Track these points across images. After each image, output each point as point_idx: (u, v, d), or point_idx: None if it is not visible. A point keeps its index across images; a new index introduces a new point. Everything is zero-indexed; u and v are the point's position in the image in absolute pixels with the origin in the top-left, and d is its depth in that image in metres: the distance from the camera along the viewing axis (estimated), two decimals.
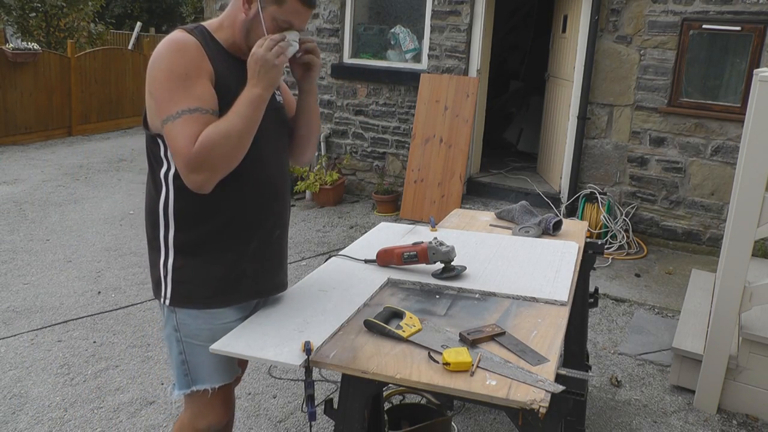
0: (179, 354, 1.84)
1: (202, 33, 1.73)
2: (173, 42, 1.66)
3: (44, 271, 4.64)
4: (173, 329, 1.83)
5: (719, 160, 5.18)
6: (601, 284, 4.60)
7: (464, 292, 1.94)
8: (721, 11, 4.99)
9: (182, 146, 1.60)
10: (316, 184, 6.37)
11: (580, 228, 2.67)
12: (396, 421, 2.55)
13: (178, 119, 1.61)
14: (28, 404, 3.02)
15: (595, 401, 3.16)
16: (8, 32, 11.23)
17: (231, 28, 1.76)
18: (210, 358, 1.80)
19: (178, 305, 1.80)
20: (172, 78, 1.62)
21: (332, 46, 6.69)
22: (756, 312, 3.12)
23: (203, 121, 1.62)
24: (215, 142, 1.60)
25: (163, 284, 1.80)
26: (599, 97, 5.52)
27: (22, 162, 8.02)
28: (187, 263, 1.78)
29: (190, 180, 1.64)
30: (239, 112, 1.65)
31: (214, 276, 1.79)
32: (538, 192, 5.96)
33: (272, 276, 1.93)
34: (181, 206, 1.76)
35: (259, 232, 1.84)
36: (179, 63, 1.63)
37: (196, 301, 1.79)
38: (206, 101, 1.64)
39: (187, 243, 1.77)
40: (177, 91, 1.62)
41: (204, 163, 1.61)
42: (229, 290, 1.82)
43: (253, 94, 1.66)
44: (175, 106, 1.61)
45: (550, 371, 1.47)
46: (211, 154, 1.61)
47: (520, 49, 9.18)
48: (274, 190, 1.86)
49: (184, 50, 1.65)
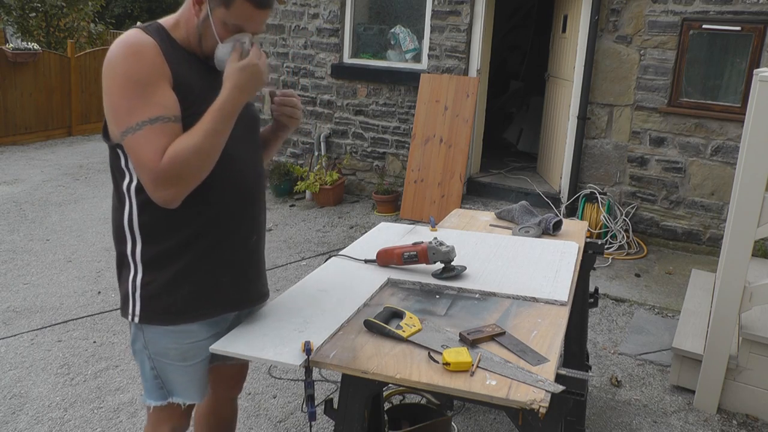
0: (151, 369, 1.76)
1: (159, 31, 1.62)
2: (128, 44, 1.54)
3: (44, 271, 4.64)
4: (143, 346, 1.74)
5: (719, 160, 5.18)
6: (601, 284, 4.60)
7: (464, 292, 1.94)
8: (721, 11, 4.99)
9: (148, 160, 1.50)
10: (316, 184, 6.37)
11: (580, 228, 2.67)
12: (396, 421, 2.54)
13: (140, 131, 1.50)
14: (28, 404, 3.02)
15: (595, 401, 3.16)
16: (8, 32, 11.24)
17: (186, 28, 1.65)
18: (183, 377, 1.76)
19: (147, 323, 1.70)
20: (128, 85, 1.51)
21: (332, 46, 6.69)
22: (756, 312, 3.12)
23: (167, 130, 1.52)
24: (186, 156, 1.51)
25: (131, 301, 1.70)
26: (599, 97, 5.52)
27: (22, 162, 8.01)
28: (157, 278, 1.68)
29: (156, 196, 1.54)
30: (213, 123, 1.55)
31: (186, 289, 1.69)
32: (538, 192, 5.96)
33: (251, 285, 1.83)
34: (147, 220, 1.65)
35: (233, 239, 1.74)
36: (135, 68, 1.52)
37: (167, 317, 1.69)
38: (168, 108, 1.54)
39: (155, 257, 1.67)
40: (135, 100, 1.51)
41: (174, 177, 1.51)
42: (203, 304, 1.72)
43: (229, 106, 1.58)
44: (134, 116, 1.51)
45: (550, 371, 1.47)
46: (182, 169, 1.51)
47: (520, 49, 9.18)
48: (248, 192, 1.76)
49: (140, 53, 1.54)
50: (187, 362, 1.75)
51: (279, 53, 6.98)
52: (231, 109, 1.58)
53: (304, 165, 6.99)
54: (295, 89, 7.00)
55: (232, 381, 2.09)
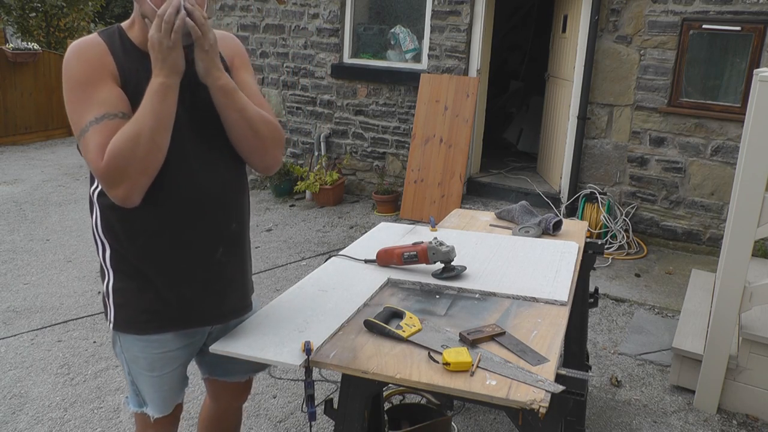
0: (128, 375, 1.77)
1: (113, 33, 1.59)
2: (74, 48, 1.53)
3: (44, 271, 4.64)
4: (121, 351, 1.75)
5: (719, 160, 5.18)
6: (601, 284, 4.60)
7: (464, 292, 1.94)
8: (721, 11, 4.99)
9: (93, 160, 1.46)
10: (316, 184, 6.37)
11: (580, 228, 2.67)
12: (396, 421, 2.54)
13: (88, 131, 1.47)
14: (28, 404, 3.02)
15: (595, 401, 3.16)
16: (8, 32, 11.24)
17: (138, 25, 1.61)
18: (150, 387, 1.75)
19: (120, 330, 1.70)
20: (76, 88, 1.50)
21: (332, 46, 6.69)
22: (756, 312, 3.12)
23: (113, 127, 1.47)
24: (123, 147, 1.44)
25: (107, 306, 1.70)
26: (599, 97, 5.52)
27: (22, 162, 8.01)
28: (125, 286, 1.66)
29: (111, 195, 1.50)
30: (144, 108, 1.48)
31: (149, 299, 1.65)
32: (538, 192, 5.96)
33: (220, 301, 1.73)
34: (108, 224, 1.63)
35: (190, 251, 1.65)
36: (79, 69, 1.50)
37: (134, 326, 1.68)
38: (113, 104, 1.50)
39: (121, 263, 1.65)
40: (82, 102, 1.49)
41: (117, 173, 1.46)
42: (167, 315, 1.67)
43: (156, 83, 1.48)
44: (83, 117, 1.48)
45: (550, 371, 1.47)
46: (122, 162, 1.45)
47: (520, 49, 9.18)
48: (208, 199, 1.63)
49: (84, 53, 1.52)
50: (154, 372, 1.73)
51: (279, 53, 6.98)
52: (154, 87, 1.49)
53: (304, 165, 6.99)
54: (295, 89, 7.00)
55: (236, 392, 2.03)
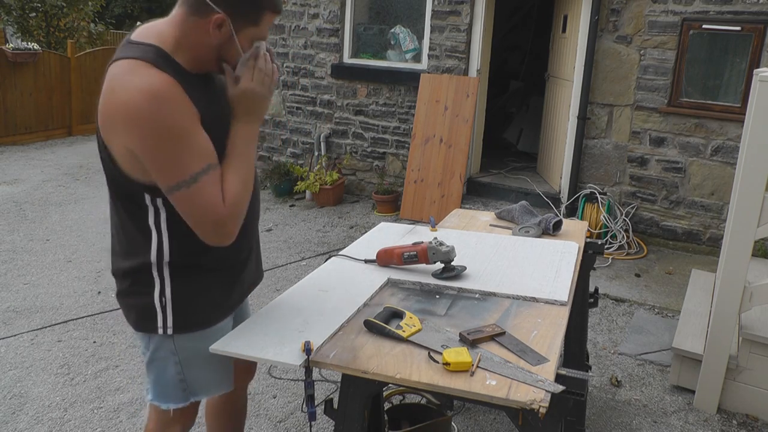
0: (177, 374, 1.76)
1: (165, 60, 1.51)
2: (149, 92, 1.42)
3: (44, 271, 4.64)
4: (170, 353, 1.74)
5: (719, 160, 5.18)
6: (601, 284, 4.60)
7: (464, 292, 1.94)
8: (721, 11, 4.99)
9: (212, 211, 1.51)
10: (316, 184, 6.37)
11: (580, 228, 2.67)
12: (396, 421, 2.55)
13: (196, 184, 1.48)
14: (28, 404, 3.02)
15: (595, 401, 3.16)
16: (8, 32, 11.24)
17: (193, 50, 1.55)
18: (213, 372, 1.78)
19: (182, 331, 1.71)
20: (171, 138, 1.44)
21: (332, 46, 6.69)
22: (756, 312, 3.11)
23: (216, 175, 1.53)
24: (241, 193, 1.56)
25: (161, 315, 1.68)
26: (599, 97, 5.52)
27: (22, 162, 8.02)
28: (189, 289, 1.70)
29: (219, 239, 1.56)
30: (245, 155, 1.59)
31: (215, 293, 1.74)
32: (538, 192, 5.96)
33: (254, 271, 1.92)
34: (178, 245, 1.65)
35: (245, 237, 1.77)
36: (171, 118, 1.44)
37: (202, 322, 1.73)
38: (211, 153, 1.53)
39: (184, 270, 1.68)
40: (182, 153, 1.46)
41: (238, 218, 1.58)
42: (227, 302, 1.79)
43: (252, 131, 1.60)
44: (185, 169, 1.47)
45: (550, 371, 1.47)
46: (241, 207, 1.58)
47: (520, 49, 9.18)
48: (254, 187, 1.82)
49: (170, 100, 1.44)
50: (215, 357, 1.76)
51: (279, 53, 6.98)
52: (248, 135, 1.61)
53: (304, 165, 6.99)
54: (295, 89, 7.00)
55: (244, 369, 2.09)
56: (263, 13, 1.56)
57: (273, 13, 1.58)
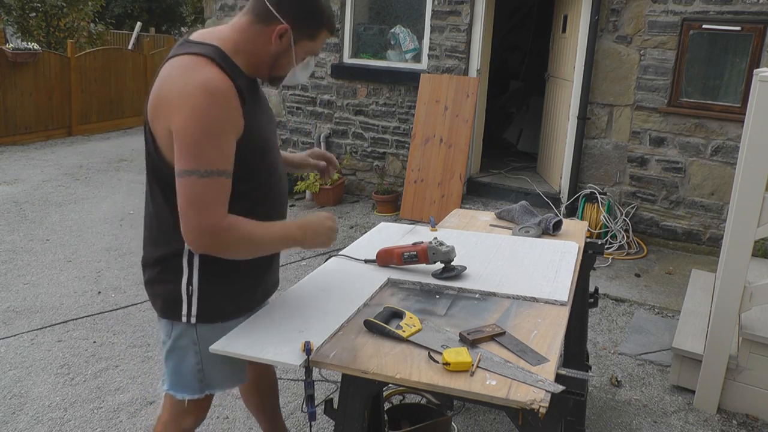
0: (195, 364, 1.82)
1: (225, 60, 1.62)
2: (208, 87, 1.54)
3: (44, 271, 4.64)
4: (191, 342, 1.80)
5: (719, 160, 5.18)
6: (601, 284, 4.60)
7: (464, 292, 1.94)
8: (721, 11, 4.99)
9: (207, 211, 1.56)
10: (316, 184, 6.37)
11: (580, 228, 2.67)
12: (396, 421, 2.55)
13: (205, 178, 1.55)
14: (28, 404, 3.02)
15: (595, 401, 3.16)
16: (8, 32, 11.24)
17: (252, 55, 1.68)
18: (229, 367, 1.82)
19: (204, 321, 1.78)
20: (207, 132, 1.54)
21: (332, 46, 6.69)
22: (756, 312, 3.12)
23: (228, 186, 1.60)
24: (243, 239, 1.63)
25: (186, 303, 1.76)
26: (599, 97, 5.52)
27: (22, 162, 8.02)
28: (216, 280, 1.77)
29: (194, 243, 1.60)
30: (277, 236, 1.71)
31: (240, 288, 1.82)
32: (538, 192, 5.96)
33: (275, 275, 2.01)
34: None
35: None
36: (217, 117, 1.55)
37: (225, 314, 1.79)
38: (231, 162, 1.60)
39: (213, 261, 1.73)
40: (209, 147, 1.55)
41: (222, 243, 1.60)
42: (251, 298, 1.88)
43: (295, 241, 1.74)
44: (204, 162, 1.55)
45: (550, 371, 1.47)
46: (232, 244, 1.62)
47: (520, 49, 9.18)
48: (285, 197, 1.96)
49: (224, 102, 1.56)
50: None
51: None
52: (292, 244, 1.75)
53: None
54: (295, 89, 7.00)
55: None
56: (321, 30, 1.73)
57: (329, 32, 1.75)
